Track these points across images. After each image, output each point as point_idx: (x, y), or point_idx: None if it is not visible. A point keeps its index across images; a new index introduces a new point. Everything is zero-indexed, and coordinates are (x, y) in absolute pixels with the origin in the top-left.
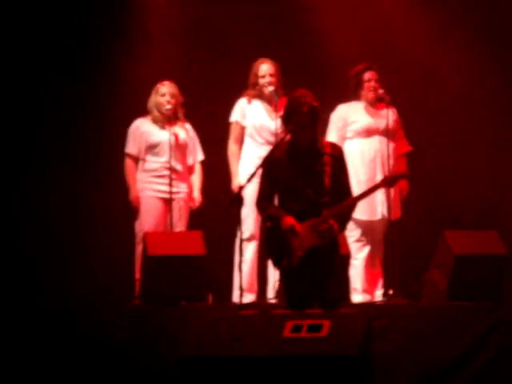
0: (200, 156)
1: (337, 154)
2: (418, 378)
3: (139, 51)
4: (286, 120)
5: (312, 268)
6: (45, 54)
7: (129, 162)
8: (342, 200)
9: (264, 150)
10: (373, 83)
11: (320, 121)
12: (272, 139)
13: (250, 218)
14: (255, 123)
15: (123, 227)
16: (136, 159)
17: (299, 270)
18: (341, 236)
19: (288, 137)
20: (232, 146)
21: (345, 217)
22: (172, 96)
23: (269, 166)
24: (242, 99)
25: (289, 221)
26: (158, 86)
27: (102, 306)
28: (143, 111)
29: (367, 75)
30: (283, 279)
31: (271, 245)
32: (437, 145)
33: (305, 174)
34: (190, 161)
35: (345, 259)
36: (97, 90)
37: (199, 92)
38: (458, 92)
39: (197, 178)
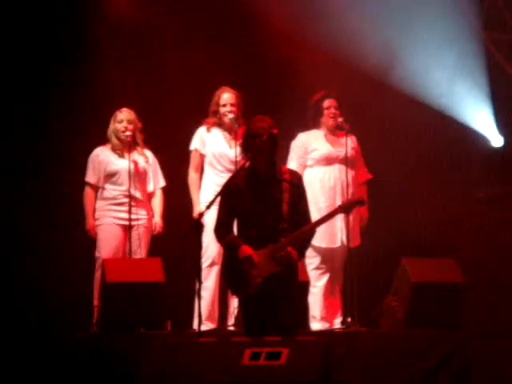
0: (161, 182)
1: (295, 180)
2: None
3: (99, 78)
4: (245, 146)
5: (270, 295)
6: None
7: (88, 191)
8: (301, 227)
9: (223, 178)
10: (332, 110)
11: (278, 147)
12: (231, 167)
13: (211, 245)
14: (214, 151)
15: (82, 253)
16: (95, 187)
17: (257, 297)
18: (300, 263)
19: (247, 164)
20: (192, 174)
21: (303, 244)
22: (129, 122)
23: (227, 192)
24: (201, 127)
25: (246, 250)
26: (116, 113)
27: (60, 332)
28: (105, 139)
29: (326, 103)
30: (241, 307)
31: (229, 272)
32: (397, 172)
33: (263, 201)
34: (150, 187)
35: (303, 286)
36: (57, 116)
37: (160, 120)
38: (418, 116)
39: (157, 203)
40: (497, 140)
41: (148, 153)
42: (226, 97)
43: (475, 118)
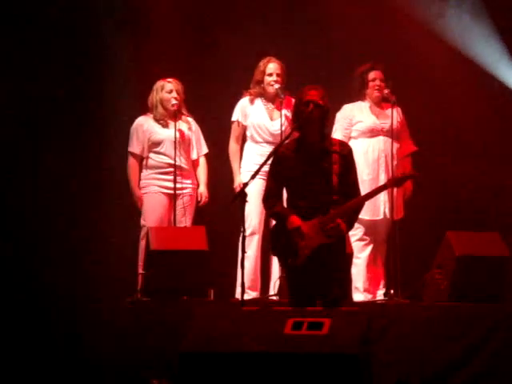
0: (204, 149)
1: (345, 152)
2: (417, 377)
3: (141, 49)
4: (295, 115)
5: (318, 267)
6: (46, 51)
7: (132, 161)
8: (350, 199)
9: (265, 148)
10: (377, 82)
11: (328, 118)
12: (271, 139)
13: (252, 215)
14: (255, 123)
15: (128, 222)
16: (139, 157)
17: (304, 268)
18: None
19: (296, 134)
20: (233, 145)
21: (352, 216)
22: (178, 92)
23: (276, 162)
24: (243, 98)
25: (295, 221)
26: (163, 83)
27: (105, 299)
28: (143, 109)
29: (372, 75)
30: (288, 277)
31: (277, 243)
32: (441, 145)
33: (313, 172)
34: (193, 155)
35: (348, 258)
36: (98, 88)
37: (201, 90)
38: (465, 91)
39: (202, 173)
40: None
41: (191, 120)
42: (273, 66)
43: None
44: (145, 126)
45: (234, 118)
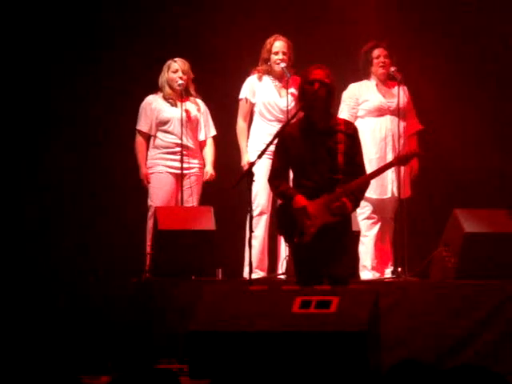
0: (212, 131)
1: (350, 131)
2: (426, 354)
3: (151, 27)
4: (300, 95)
5: (323, 245)
6: (56, 29)
7: (139, 139)
8: (356, 178)
9: (273, 127)
10: (382, 59)
11: (334, 98)
12: (281, 116)
13: (260, 194)
14: (265, 100)
15: (136, 202)
16: (147, 136)
17: (310, 246)
18: None
19: (301, 113)
20: (241, 123)
21: (358, 195)
22: (184, 72)
23: (282, 142)
24: (251, 76)
25: (300, 201)
26: (170, 62)
27: (113, 279)
28: (154, 88)
29: (376, 52)
30: (294, 256)
31: (283, 222)
32: (448, 123)
33: (318, 151)
34: (201, 136)
35: (354, 236)
36: (108, 67)
37: (209, 69)
38: (472, 70)
39: (209, 152)
40: None
41: (200, 101)
42: (279, 44)
43: None
44: (153, 104)
45: (241, 96)
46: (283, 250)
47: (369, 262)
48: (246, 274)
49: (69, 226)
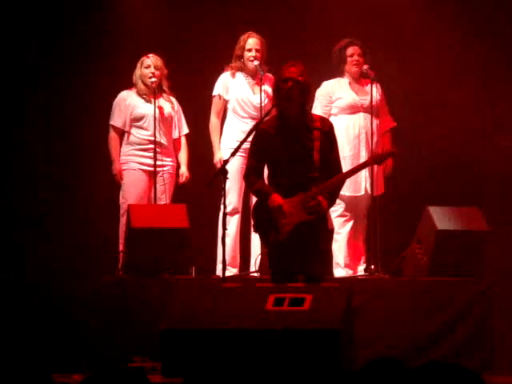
0: (185, 129)
1: (326, 128)
2: (399, 351)
3: (124, 24)
4: (275, 92)
5: (299, 243)
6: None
7: (113, 135)
8: (331, 175)
9: (246, 124)
10: (355, 58)
11: (308, 95)
12: (255, 114)
13: (233, 192)
14: (238, 97)
15: (107, 199)
16: (120, 131)
17: (286, 244)
18: None
19: (276, 110)
20: (214, 120)
21: (333, 193)
22: (157, 68)
23: (257, 139)
24: (225, 73)
25: (276, 199)
26: (143, 58)
27: (85, 277)
28: (129, 84)
29: (350, 50)
30: (269, 253)
31: (259, 219)
32: (420, 120)
33: (294, 149)
34: (175, 134)
35: (329, 234)
36: (83, 62)
37: (183, 65)
38: (443, 65)
39: (183, 153)
40: None
41: (173, 99)
42: (252, 42)
43: None
44: (127, 100)
45: (215, 93)
46: (255, 247)
47: (342, 260)
48: (219, 272)
49: (41, 224)
